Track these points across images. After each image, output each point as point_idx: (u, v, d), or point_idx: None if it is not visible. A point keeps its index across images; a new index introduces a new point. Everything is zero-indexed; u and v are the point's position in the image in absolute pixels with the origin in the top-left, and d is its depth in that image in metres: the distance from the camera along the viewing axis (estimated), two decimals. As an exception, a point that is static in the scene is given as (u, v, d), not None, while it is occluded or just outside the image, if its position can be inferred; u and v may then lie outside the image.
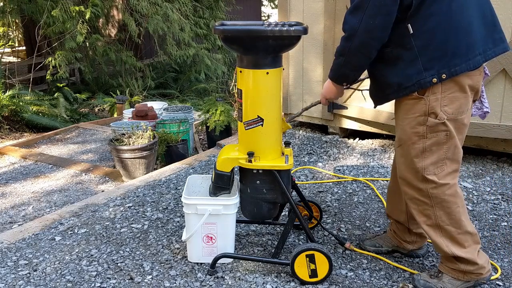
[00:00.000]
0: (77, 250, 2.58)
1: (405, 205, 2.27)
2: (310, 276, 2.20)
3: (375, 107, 2.19)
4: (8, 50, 11.25)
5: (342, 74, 2.05)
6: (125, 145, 4.04)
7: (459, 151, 2.00)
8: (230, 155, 2.28)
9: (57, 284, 2.28)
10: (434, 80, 1.86)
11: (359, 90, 2.49)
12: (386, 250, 2.44)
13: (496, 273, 2.29)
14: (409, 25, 1.84)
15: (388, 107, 3.85)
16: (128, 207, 3.11)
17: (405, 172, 2.06)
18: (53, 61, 7.38)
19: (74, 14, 7.14)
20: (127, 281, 2.29)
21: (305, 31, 2.04)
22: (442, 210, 2.03)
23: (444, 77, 1.86)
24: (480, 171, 3.53)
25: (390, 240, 2.43)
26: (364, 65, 2.00)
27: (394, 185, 2.32)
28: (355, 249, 2.50)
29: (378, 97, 2.11)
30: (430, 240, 2.41)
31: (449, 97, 1.90)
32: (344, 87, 2.15)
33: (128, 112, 5.21)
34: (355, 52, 1.92)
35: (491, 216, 2.87)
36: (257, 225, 2.76)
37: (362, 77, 2.20)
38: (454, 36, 1.83)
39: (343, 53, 1.96)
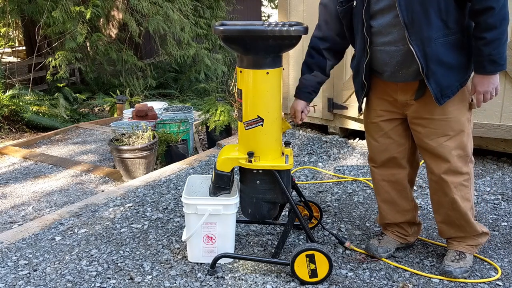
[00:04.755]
0: (77, 250, 2.58)
1: (411, 202, 2.37)
2: (310, 276, 2.21)
3: (440, 104, 2.01)
4: (8, 50, 11.25)
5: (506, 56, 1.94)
6: (125, 145, 4.04)
7: None
8: (230, 155, 2.28)
9: (57, 284, 2.28)
10: None
11: None
12: (393, 251, 2.46)
13: (496, 273, 2.29)
14: None
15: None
16: (128, 207, 3.11)
17: (456, 162, 2.11)
18: (53, 61, 7.37)
19: (74, 14, 7.13)
20: (127, 281, 2.29)
21: (305, 31, 2.05)
22: (472, 188, 2.19)
23: None
24: (480, 171, 3.53)
25: (395, 240, 2.46)
26: None
27: (391, 195, 2.35)
28: (355, 248, 2.50)
29: (453, 88, 2.02)
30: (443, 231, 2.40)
31: None
32: None
33: (128, 112, 5.20)
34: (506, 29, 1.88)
35: (491, 216, 2.86)
36: (257, 225, 2.76)
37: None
38: None
39: (503, 32, 1.86)
